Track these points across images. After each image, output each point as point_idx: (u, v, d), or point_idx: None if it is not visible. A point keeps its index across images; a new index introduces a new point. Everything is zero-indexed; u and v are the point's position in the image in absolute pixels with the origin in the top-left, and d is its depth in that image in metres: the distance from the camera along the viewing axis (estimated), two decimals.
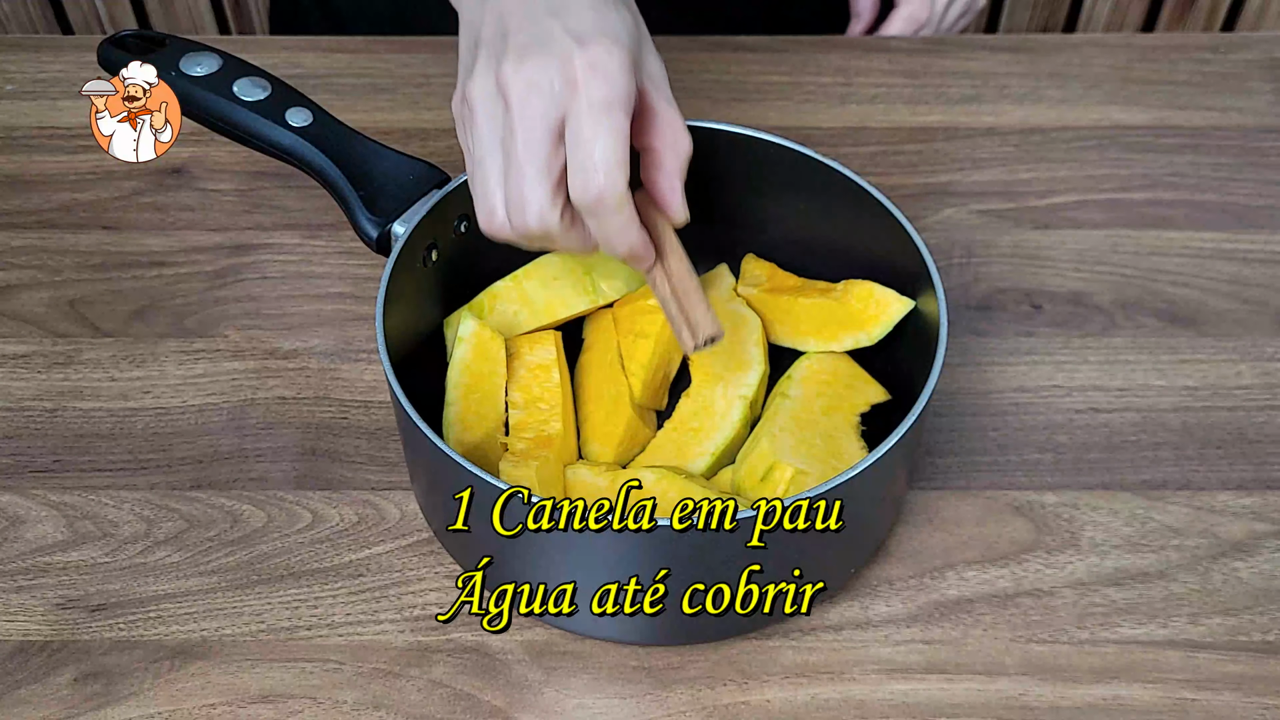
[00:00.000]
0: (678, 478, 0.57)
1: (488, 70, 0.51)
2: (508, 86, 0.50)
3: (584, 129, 0.49)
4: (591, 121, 0.49)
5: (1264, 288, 0.74)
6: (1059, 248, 0.76)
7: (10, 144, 0.81)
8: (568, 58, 0.49)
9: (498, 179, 0.51)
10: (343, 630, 0.59)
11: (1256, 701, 0.57)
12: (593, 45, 0.49)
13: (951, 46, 0.89)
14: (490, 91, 0.51)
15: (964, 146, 0.82)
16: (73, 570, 0.61)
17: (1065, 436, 0.66)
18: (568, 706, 0.56)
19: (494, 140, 0.51)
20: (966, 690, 0.57)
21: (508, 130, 0.50)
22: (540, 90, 0.49)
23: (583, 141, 0.49)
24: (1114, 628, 0.59)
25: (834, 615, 0.60)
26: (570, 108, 0.49)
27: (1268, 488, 0.64)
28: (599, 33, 0.49)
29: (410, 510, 0.63)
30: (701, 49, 0.86)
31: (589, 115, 0.49)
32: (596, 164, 0.49)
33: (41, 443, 0.66)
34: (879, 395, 0.62)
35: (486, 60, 0.51)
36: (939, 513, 0.63)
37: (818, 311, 0.64)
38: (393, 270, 0.57)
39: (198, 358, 0.69)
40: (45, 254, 0.74)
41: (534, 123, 0.49)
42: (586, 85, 0.49)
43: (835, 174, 0.62)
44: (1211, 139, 0.82)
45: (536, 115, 0.49)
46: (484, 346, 0.60)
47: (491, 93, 0.51)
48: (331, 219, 0.75)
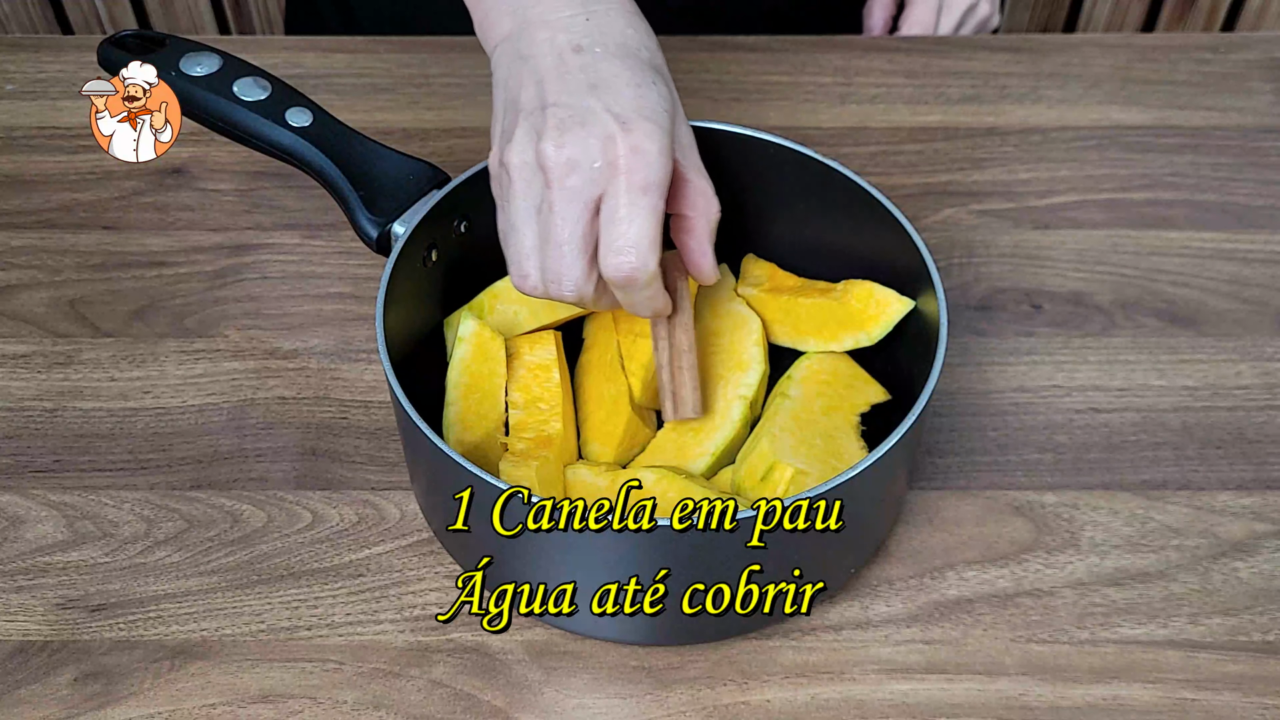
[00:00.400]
0: (678, 478, 0.57)
1: (527, 142, 0.51)
2: (547, 162, 0.50)
3: (620, 210, 0.50)
4: (629, 203, 0.50)
5: (1264, 288, 0.74)
6: (1059, 248, 0.76)
7: (10, 144, 0.81)
8: (610, 139, 0.50)
9: (532, 246, 0.53)
10: (343, 630, 0.59)
11: (1256, 701, 0.57)
12: (635, 129, 0.50)
13: (951, 46, 0.89)
14: (529, 163, 0.51)
15: (964, 146, 0.82)
16: (73, 570, 0.61)
17: (1065, 436, 0.66)
18: (568, 706, 0.56)
19: (530, 211, 0.52)
20: (966, 690, 0.57)
21: (546, 205, 0.51)
22: (580, 169, 0.50)
23: (618, 221, 0.50)
24: (1114, 628, 0.59)
25: (834, 615, 0.60)
26: (608, 187, 0.50)
27: (1268, 488, 0.64)
28: (640, 115, 0.51)
29: (410, 510, 0.63)
30: (701, 49, 0.86)
31: (626, 197, 0.50)
32: (631, 245, 0.50)
33: (41, 443, 0.66)
34: (879, 395, 0.62)
35: (526, 131, 0.52)
36: (939, 513, 0.63)
37: (818, 311, 0.64)
38: (393, 270, 0.57)
39: (198, 358, 0.69)
40: (45, 254, 0.74)
41: (572, 200, 0.51)
42: (628, 168, 0.50)
43: (835, 174, 0.62)
44: (1211, 139, 0.82)
45: (575, 193, 0.50)
46: (484, 346, 0.60)
47: (531, 164, 0.51)
48: (331, 219, 0.75)
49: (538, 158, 0.51)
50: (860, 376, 0.63)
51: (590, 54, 0.52)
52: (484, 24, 0.56)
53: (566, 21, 0.53)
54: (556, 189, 0.51)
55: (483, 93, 0.83)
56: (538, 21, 0.53)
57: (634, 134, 0.50)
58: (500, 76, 0.55)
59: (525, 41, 0.53)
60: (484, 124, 0.81)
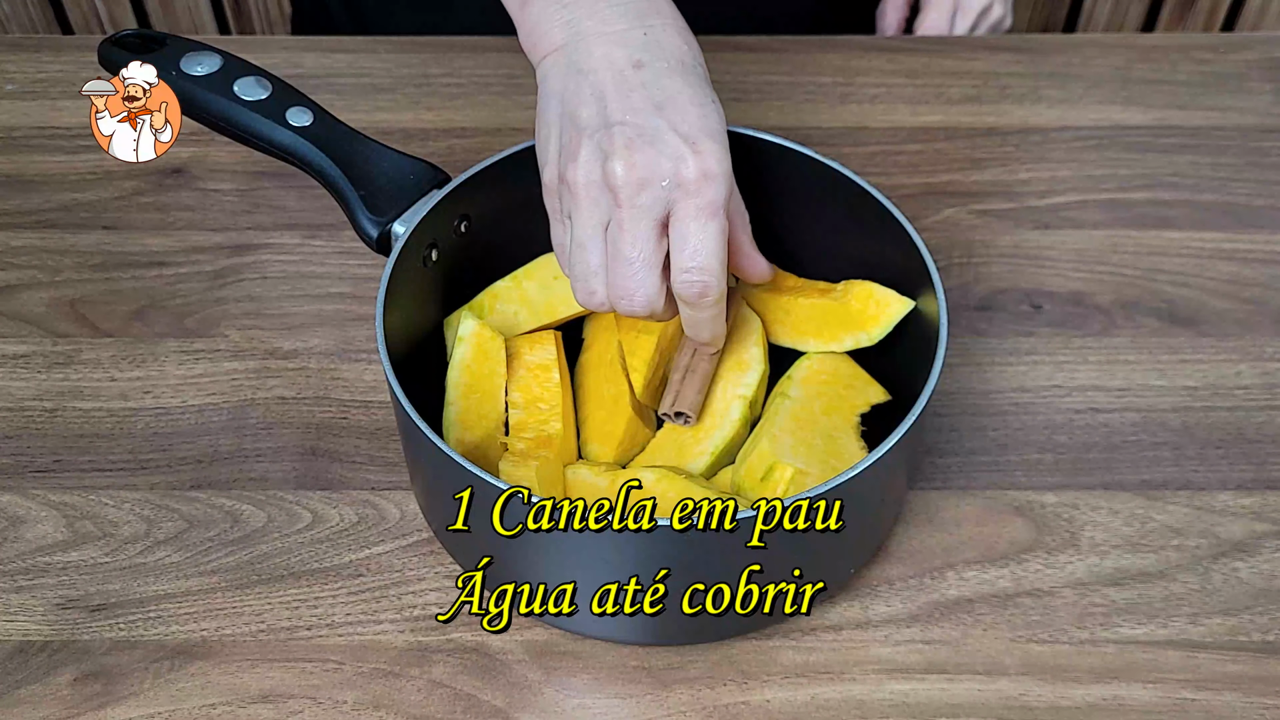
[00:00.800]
0: (678, 478, 0.57)
1: (593, 160, 0.52)
2: (616, 181, 0.51)
3: (691, 231, 0.51)
4: (699, 225, 0.51)
5: (1264, 288, 0.74)
6: (1059, 248, 0.76)
7: (10, 144, 0.81)
8: (680, 159, 0.51)
9: (599, 263, 0.53)
10: (343, 630, 0.59)
11: (1256, 701, 0.57)
12: (703, 150, 0.51)
13: (952, 46, 0.89)
14: (596, 181, 0.52)
15: (964, 146, 0.82)
16: (73, 570, 0.61)
17: (1065, 436, 0.66)
18: (568, 706, 0.56)
19: (597, 229, 0.53)
20: (966, 690, 0.57)
21: (615, 224, 0.52)
22: (651, 189, 0.51)
23: (690, 242, 0.51)
24: (1114, 628, 0.59)
25: (834, 615, 0.60)
26: (677, 208, 0.51)
27: (1268, 488, 0.64)
28: (705, 135, 0.51)
29: (410, 510, 0.63)
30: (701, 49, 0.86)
31: (695, 219, 0.51)
32: (703, 266, 0.52)
33: (41, 443, 0.66)
34: (879, 395, 0.62)
35: (591, 149, 0.52)
36: (939, 513, 0.63)
37: (818, 311, 0.64)
38: (393, 270, 0.57)
39: (198, 358, 0.69)
40: (45, 254, 0.74)
41: (642, 219, 0.51)
42: (697, 190, 0.51)
43: (835, 174, 0.62)
44: (1211, 139, 0.82)
45: (645, 211, 0.51)
46: (484, 346, 0.60)
47: (598, 183, 0.52)
48: (331, 219, 0.75)
49: (606, 177, 0.51)
50: (860, 376, 0.63)
51: (652, 69, 0.52)
52: (533, 34, 0.55)
53: (623, 35, 0.53)
54: (627, 208, 0.51)
55: (483, 93, 0.83)
56: (594, 34, 0.53)
57: (702, 155, 0.51)
58: (553, 88, 0.54)
59: (581, 54, 0.53)
60: (484, 124, 0.82)
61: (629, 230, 0.52)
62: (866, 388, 0.62)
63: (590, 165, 0.52)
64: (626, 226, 0.51)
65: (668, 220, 0.52)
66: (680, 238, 0.52)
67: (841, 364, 0.63)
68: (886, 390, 0.62)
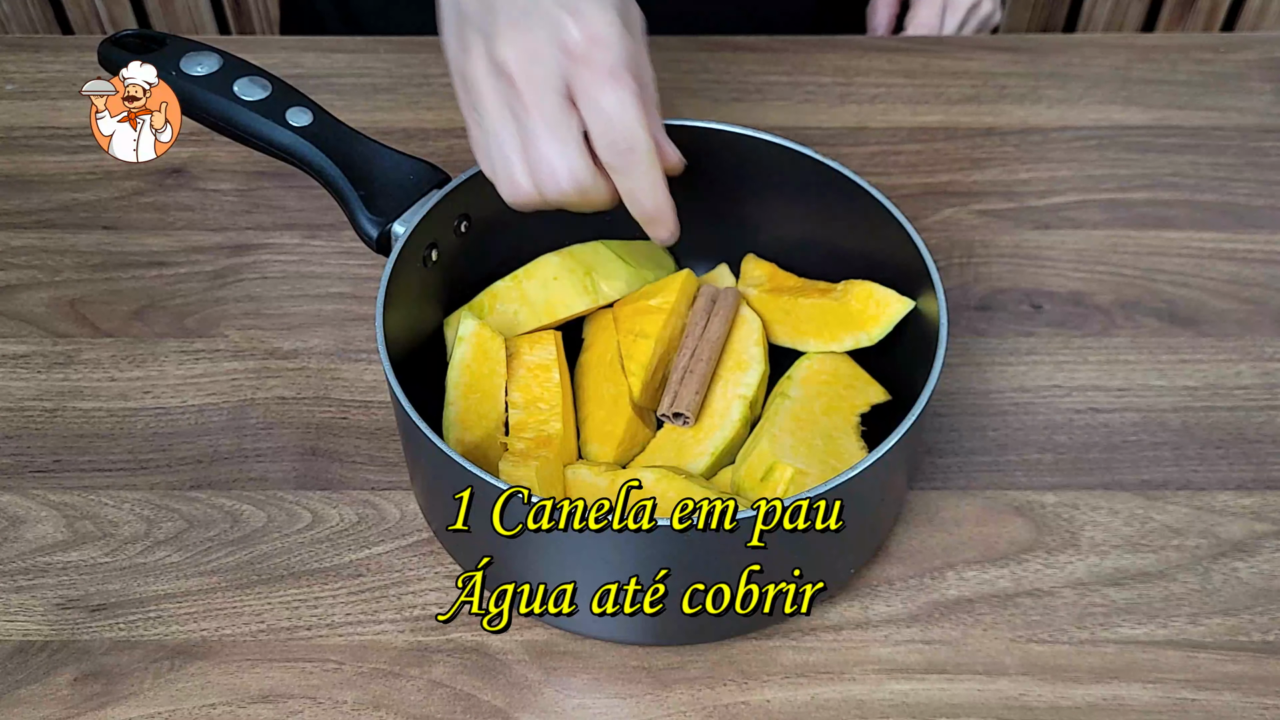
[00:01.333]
0: (678, 478, 0.57)
1: (480, 48, 0.51)
2: (506, 62, 0.50)
3: (597, 98, 0.50)
4: (605, 91, 0.50)
5: (1264, 288, 0.74)
6: (1059, 248, 0.76)
7: (10, 144, 0.81)
8: (560, 26, 0.50)
9: (515, 148, 0.52)
10: (343, 630, 0.59)
11: (1256, 701, 0.57)
12: (584, 14, 0.50)
13: (951, 46, 0.89)
14: (489, 69, 0.51)
15: (964, 146, 0.82)
16: (73, 570, 0.61)
17: (1065, 436, 0.66)
18: (568, 706, 0.56)
19: (504, 113, 0.51)
20: (966, 690, 0.57)
21: (517, 102, 0.51)
22: (541, 60, 0.50)
23: (601, 107, 0.50)
24: (1114, 628, 0.59)
25: (834, 615, 0.60)
26: (576, 79, 0.50)
27: (1268, 488, 0.64)
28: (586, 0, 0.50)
29: (410, 510, 0.63)
30: (701, 49, 0.86)
31: (598, 85, 0.50)
32: (619, 124, 0.50)
33: (41, 443, 0.66)
34: (879, 395, 0.62)
35: (479, 39, 0.51)
36: (939, 513, 0.63)
37: (818, 311, 0.64)
38: (393, 270, 0.57)
39: (198, 358, 0.69)
40: (45, 254, 0.74)
41: (542, 90, 0.50)
42: (588, 55, 0.50)
43: (835, 174, 0.62)
44: (1211, 139, 0.82)
45: (542, 83, 0.50)
46: (484, 346, 0.60)
47: (491, 70, 0.51)
48: (331, 219, 0.75)
49: (492, 62, 0.50)
50: (860, 376, 0.63)
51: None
52: None
53: None
54: (524, 85, 0.50)
55: None
56: None
57: (584, 19, 0.50)
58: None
59: None
60: None
61: (532, 107, 0.51)
62: (866, 388, 0.62)
63: (479, 56, 0.51)
64: (529, 103, 0.51)
65: (571, 94, 0.51)
66: (590, 107, 0.50)
67: (841, 364, 0.63)
68: (886, 390, 0.62)
